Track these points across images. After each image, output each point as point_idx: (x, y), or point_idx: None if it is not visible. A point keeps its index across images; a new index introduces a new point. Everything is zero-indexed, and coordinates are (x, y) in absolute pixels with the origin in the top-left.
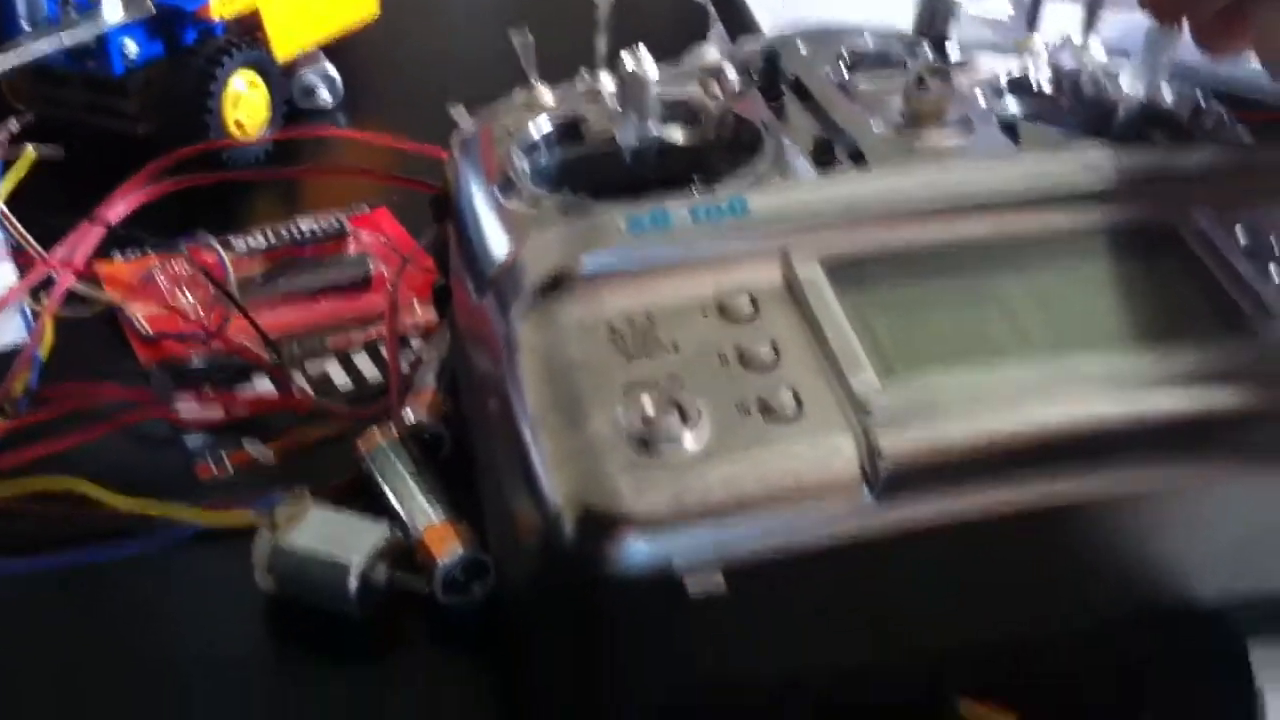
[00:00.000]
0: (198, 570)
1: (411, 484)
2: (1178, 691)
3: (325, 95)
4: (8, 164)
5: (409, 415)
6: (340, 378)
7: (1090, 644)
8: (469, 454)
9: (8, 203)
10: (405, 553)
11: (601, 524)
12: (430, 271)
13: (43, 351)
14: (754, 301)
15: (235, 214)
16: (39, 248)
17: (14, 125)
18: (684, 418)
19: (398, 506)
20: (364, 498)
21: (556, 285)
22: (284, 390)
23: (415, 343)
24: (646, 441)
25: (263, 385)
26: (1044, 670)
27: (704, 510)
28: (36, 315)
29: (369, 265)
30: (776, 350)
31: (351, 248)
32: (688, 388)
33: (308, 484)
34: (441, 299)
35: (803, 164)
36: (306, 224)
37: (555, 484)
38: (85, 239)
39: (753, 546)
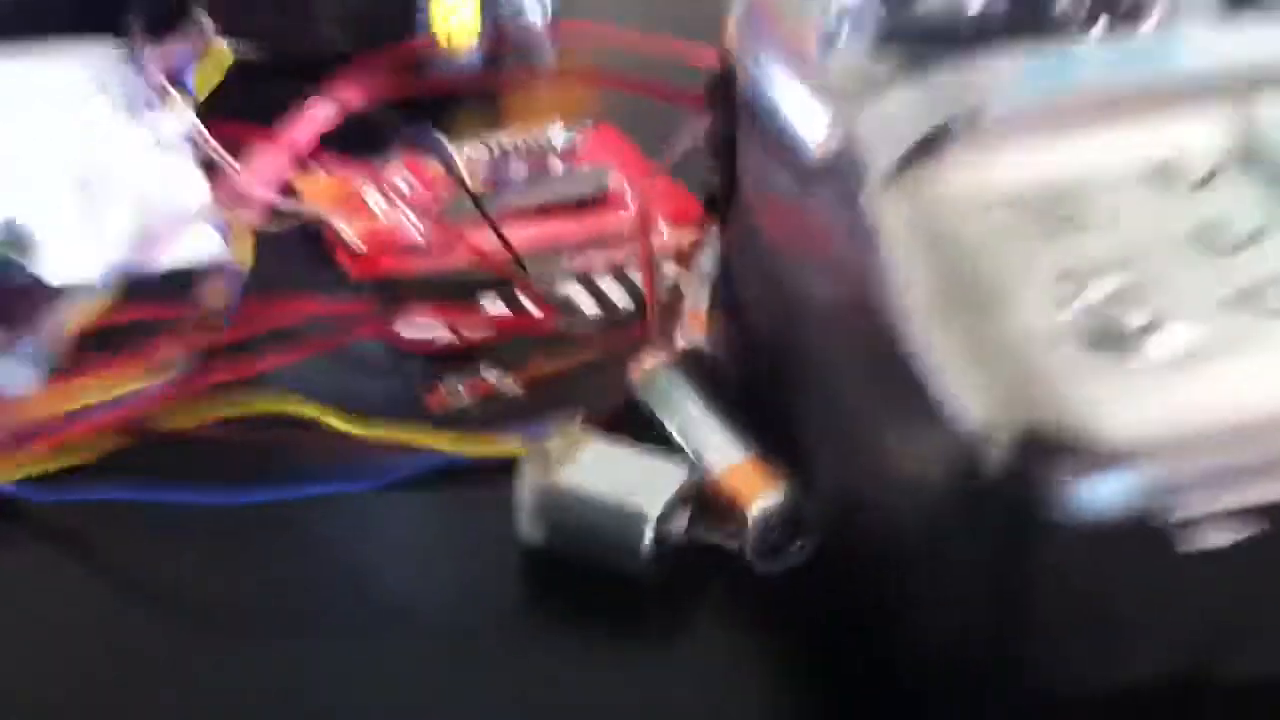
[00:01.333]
0: (441, 513)
1: (703, 415)
2: None
3: (534, 17)
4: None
5: (682, 340)
6: (585, 303)
7: None
8: (755, 387)
9: (200, 111)
10: (702, 499)
11: (1053, 448)
12: (676, 190)
13: (242, 265)
14: (1208, 167)
15: (443, 128)
16: (232, 160)
17: (206, 20)
18: (1149, 312)
19: (683, 443)
20: (628, 435)
21: (927, 152)
22: (526, 312)
23: (667, 266)
24: (1103, 341)
25: (493, 308)
26: None
27: (1194, 433)
28: (232, 228)
29: (605, 179)
30: (1254, 228)
31: (575, 163)
32: (1142, 273)
33: (558, 419)
34: (715, 207)
35: (1209, 9)
36: (525, 138)
37: (975, 397)
38: (290, 144)
39: (1259, 483)
